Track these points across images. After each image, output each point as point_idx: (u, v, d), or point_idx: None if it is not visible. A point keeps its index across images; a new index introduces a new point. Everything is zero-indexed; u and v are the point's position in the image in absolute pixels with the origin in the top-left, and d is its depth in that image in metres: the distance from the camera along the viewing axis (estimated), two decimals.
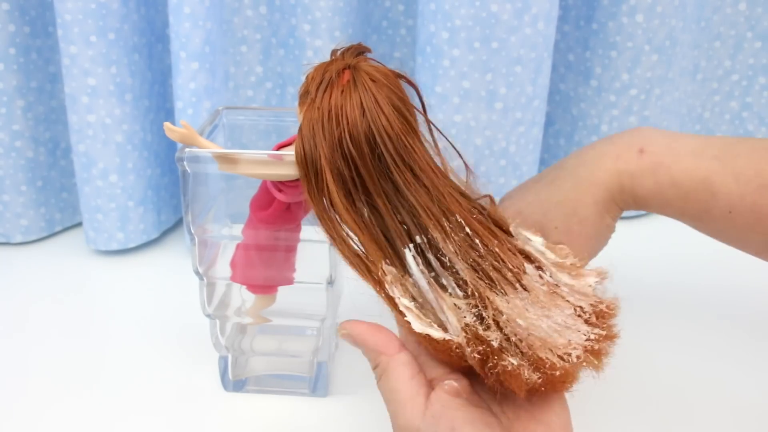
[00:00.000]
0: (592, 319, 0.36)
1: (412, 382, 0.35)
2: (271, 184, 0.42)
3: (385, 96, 0.37)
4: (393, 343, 0.37)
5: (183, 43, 0.61)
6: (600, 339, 0.35)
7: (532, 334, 0.34)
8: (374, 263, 0.38)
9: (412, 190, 0.37)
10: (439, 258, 0.37)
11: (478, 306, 0.36)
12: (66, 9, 0.61)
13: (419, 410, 0.34)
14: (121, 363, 0.55)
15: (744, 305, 0.63)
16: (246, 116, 0.54)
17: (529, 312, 0.35)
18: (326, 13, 0.67)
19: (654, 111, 0.73)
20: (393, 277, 0.38)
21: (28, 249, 0.73)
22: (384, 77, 0.37)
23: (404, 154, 0.37)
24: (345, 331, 0.37)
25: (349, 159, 0.37)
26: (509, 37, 0.62)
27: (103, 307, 0.63)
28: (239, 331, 0.53)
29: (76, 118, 0.65)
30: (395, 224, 0.38)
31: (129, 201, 0.69)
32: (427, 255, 0.37)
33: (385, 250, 0.38)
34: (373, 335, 0.37)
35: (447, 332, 0.36)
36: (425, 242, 0.37)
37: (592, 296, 0.37)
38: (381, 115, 0.36)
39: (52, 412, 0.49)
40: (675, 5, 0.68)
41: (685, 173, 0.43)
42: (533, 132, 0.69)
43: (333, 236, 0.38)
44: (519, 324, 0.34)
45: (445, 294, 0.36)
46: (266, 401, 0.51)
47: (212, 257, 0.48)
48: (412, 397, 0.34)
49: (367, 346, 0.37)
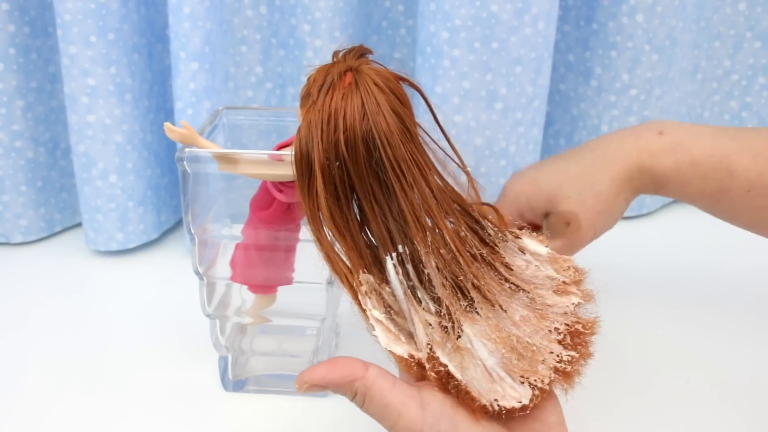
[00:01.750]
0: (566, 339, 0.35)
1: (396, 390, 0.34)
2: (271, 184, 0.42)
3: (386, 100, 0.36)
4: (357, 365, 0.34)
5: (183, 43, 0.61)
6: (573, 361, 0.35)
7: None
8: (351, 272, 0.37)
9: (404, 198, 0.36)
10: (418, 271, 0.37)
11: (446, 327, 0.35)
12: (66, 9, 0.61)
13: (417, 414, 0.33)
14: (121, 363, 0.55)
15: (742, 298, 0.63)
16: (246, 116, 0.54)
17: (495, 335, 0.35)
18: (326, 13, 0.67)
19: (654, 111, 0.73)
20: (369, 287, 0.37)
21: (27, 249, 0.73)
22: (385, 81, 0.37)
23: (402, 160, 0.36)
24: (306, 385, 0.34)
25: (341, 163, 0.36)
26: (509, 37, 0.62)
27: (103, 307, 0.63)
28: (239, 331, 0.53)
29: (75, 118, 0.65)
30: (381, 231, 0.37)
31: (129, 201, 0.69)
32: (407, 266, 0.37)
33: (365, 258, 0.37)
34: (334, 370, 0.34)
35: (414, 344, 0.35)
36: (407, 253, 0.37)
37: (570, 315, 0.37)
38: (382, 119, 0.36)
39: (52, 412, 0.49)
40: (675, 5, 0.68)
41: (703, 152, 0.43)
42: (533, 132, 0.69)
43: (319, 239, 0.38)
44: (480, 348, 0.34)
45: (419, 307, 0.36)
46: (266, 401, 0.51)
47: (212, 257, 0.48)
48: (405, 404, 0.33)
49: (334, 383, 0.34)
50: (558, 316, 0.36)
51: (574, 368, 0.35)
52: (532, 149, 0.70)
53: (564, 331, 0.36)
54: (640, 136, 0.45)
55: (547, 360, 0.34)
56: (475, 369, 0.34)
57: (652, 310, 0.62)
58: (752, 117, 0.81)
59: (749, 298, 0.64)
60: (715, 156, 0.43)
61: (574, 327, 0.36)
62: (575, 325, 0.36)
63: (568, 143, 0.78)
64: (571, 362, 0.35)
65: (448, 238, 0.36)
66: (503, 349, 0.34)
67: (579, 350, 0.35)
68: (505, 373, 0.33)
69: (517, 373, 0.34)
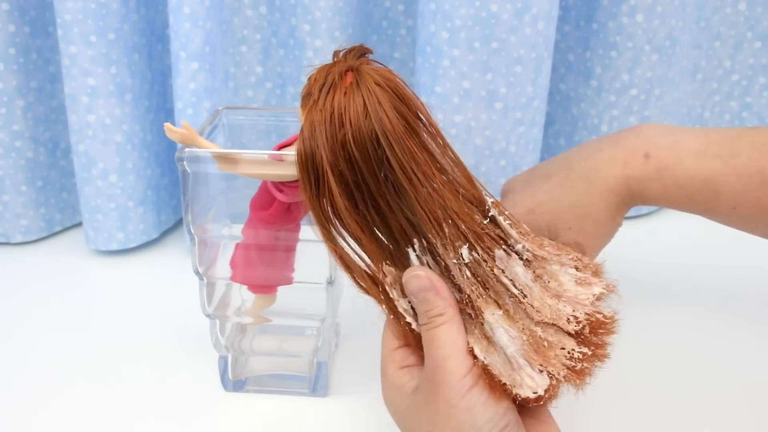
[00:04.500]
0: (585, 330, 0.36)
1: (463, 335, 0.36)
2: (271, 185, 0.42)
3: (388, 99, 0.37)
4: (456, 303, 0.37)
5: (183, 43, 0.61)
6: (585, 358, 0.35)
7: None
8: (376, 264, 0.38)
9: (415, 194, 0.37)
10: (437, 261, 0.37)
11: (470, 314, 0.36)
12: (66, 9, 0.61)
13: (469, 363, 0.35)
14: (121, 363, 0.55)
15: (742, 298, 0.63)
16: (246, 116, 0.54)
17: (514, 324, 0.36)
18: (326, 13, 0.67)
19: (654, 111, 0.73)
20: (393, 279, 0.38)
21: (28, 249, 0.73)
22: (386, 80, 0.37)
23: (407, 156, 0.36)
24: (424, 274, 0.37)
25: (352, 161, 0.37)
26: (509, 37, 0.62)
27: (103, 307, 0.63)
28: (239, 331, 0.53)
29: (75, 118, 0.65)
30: (398, 225, 0.38)
31: (129, 201, 0.69)
32: (426, 257, 0.38)
33: (386, 251, 0.38)
34: (446, 287, 0.37)
35: None
36: (424, 245, 0.38)
37: (590, 306, 0.37)
38: (384, 117, 0.36)
39: (51, 411, 0.49)
40: (675, 5, 0.68)
41: (688, 174, 0.44)
42: (533, 132, 0.69)
43: (329, 239, 0.38)
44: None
45: None
46: (266, 401, 0.51)
47: (212, 257, 0.48)
48: (465, 351, 0.35)
49: (440, 294, 0.36)
50: (578, 305, 0.36)
51: (586, 366, 0.35)
52: (532, 149, 0.70)
53: (584, 321, 0.36)
54: (627, 163, 0.46)
55: (558, 355, 0.35)
56: (499, 355, 0.35)
57: (652, 309, 0.62)
58: (752, 117, 0.81)
59: (749, 297, 0.64)
60: (701, 178, 0.44)
61: (594, 317, 0.36)
62: (595, 315, 0.36)
63: (568, 143, 0.78)
64: (583, 360, 0.35)
65: (465, 228, 0.37)
66: (524, 336, 0.35)
67: (595, 349, 0.36)
68: (524, 361, 0.35)
69: (536, 361, 0.34)
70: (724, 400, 0.51)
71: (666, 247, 0.74)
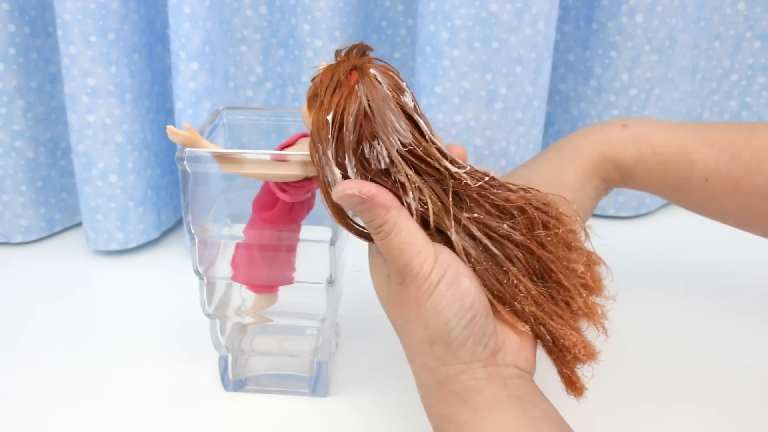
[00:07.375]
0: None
1: (420, 232, 0.36)
2: (274, 185, 0.42)
3: (392, 96, 0.37)
4: (395, 200, 0.36)
5: (183, 43, 0.61)
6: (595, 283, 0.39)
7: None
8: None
9: (426, 186, 0.37)
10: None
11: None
12: (66, 9, 0.61)
13: (433, 257, 0.35)
14: (121, 363, 0.55)
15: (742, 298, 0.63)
16: (246, 116, 0.54)
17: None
18: (326, 13, 0.67)
19: (654, 111, 0.73)
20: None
21: (28, 249, 0.73)
22: (389, 78, 0.37)
23: (413, 154, 0.37)
24: (352, 190, 0.35)
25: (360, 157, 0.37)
26: (509, 37, 0.62)
27: (103, 307, 0.63)
28: (239, 331, 0.53)
29: (75, 118, 0.65)
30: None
31: (129, 201, 0.69)
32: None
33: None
34: (376, 189, 0.36)
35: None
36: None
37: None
38: (389, 114, 0.36)
39: (51, 411, 0.49)
40: (675, 5, 0.68)
41: (664, 142, 0.47)
42: (533, 132, 0.69)
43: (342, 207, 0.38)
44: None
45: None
46: (266, 401, 0.51)
47: (212, 257, 0.48)
48: (426, 246, 0.35)
49: (375, 202, 0.35)
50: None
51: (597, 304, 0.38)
52: (532, 149, 0.70)
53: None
54: (603, 129, 0.48)
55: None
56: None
57: (651, 309, 0.62)
58: (752, 117, 0.81)
59: (749, 296, 0.64)
60: (675, 146, 0.46)
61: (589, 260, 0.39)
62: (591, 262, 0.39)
63: None
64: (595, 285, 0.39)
65: (481, 199, 0.38)
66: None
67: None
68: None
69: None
70: (719, 392, 0.51)
71: (666, 247, 0.74)
